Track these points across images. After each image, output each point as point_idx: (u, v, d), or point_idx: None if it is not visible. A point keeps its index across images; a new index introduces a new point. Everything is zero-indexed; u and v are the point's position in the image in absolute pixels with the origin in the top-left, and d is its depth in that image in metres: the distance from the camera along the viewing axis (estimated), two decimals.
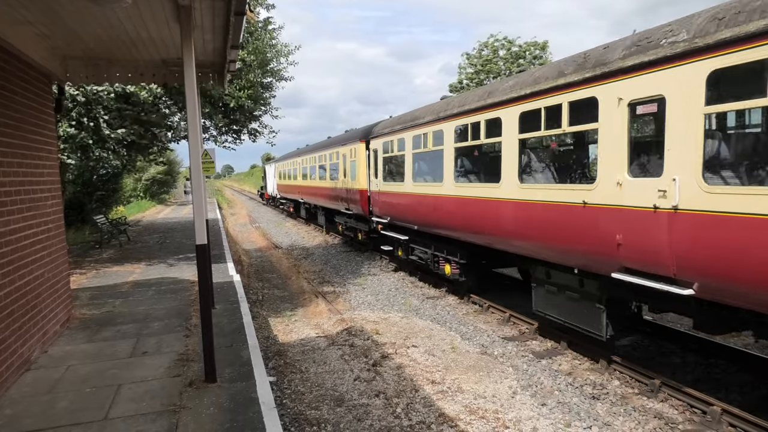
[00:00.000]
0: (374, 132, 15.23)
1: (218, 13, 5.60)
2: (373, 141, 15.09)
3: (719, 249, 5.02)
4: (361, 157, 16.08)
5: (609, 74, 6.27)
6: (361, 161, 16.06)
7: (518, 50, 30.06)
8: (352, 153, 17.19)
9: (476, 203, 9.34)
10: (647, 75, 5.75)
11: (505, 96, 8.44)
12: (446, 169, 10.43)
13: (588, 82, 6.62)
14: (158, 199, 44.42)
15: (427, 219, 11.45)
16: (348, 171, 17.68)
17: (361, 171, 16.17)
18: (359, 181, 16.28)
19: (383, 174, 14.03)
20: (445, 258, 11.15)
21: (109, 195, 24.78)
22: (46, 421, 4.74)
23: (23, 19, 5.75)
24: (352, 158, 17.15)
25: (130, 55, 7.48)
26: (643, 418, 5.99)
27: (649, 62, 5.71)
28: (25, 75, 6.53)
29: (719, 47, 4.94)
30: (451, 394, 6.69)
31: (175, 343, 6.85)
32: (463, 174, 10.63)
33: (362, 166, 16.03)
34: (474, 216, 9.45)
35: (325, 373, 7.50)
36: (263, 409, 4.89)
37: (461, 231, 10.06)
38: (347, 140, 18.21)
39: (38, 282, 6.54)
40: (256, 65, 15.54)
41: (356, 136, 17.21)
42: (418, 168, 12.21)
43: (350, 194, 17.47)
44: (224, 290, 9.90)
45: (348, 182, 17.63)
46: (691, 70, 5.22)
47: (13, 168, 5.96)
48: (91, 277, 11.76)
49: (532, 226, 7.82)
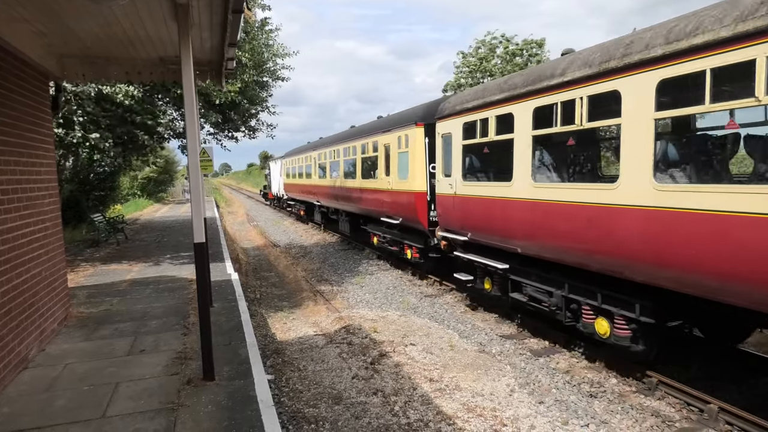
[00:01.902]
0: (445, 109, 10.62)
1: (216, 10, 5.59)
2: (444, 122, 10.59)
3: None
4: (418, 146, 11.93)
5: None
6: (417, 152, 11.93)
7: (515, 48, 30.02)
8: (400, 142, 12.96)
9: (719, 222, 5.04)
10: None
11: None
12: (632, 160, 6.01)
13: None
14: (156, 197, 44.33)
15: (565, 241, 7.09)
16: (392, 166, 13.48)
17: (416, 166, 11.98)
18: (413, 179, 12.19)
19: (463, 170, 9.78)
20: (598, 308, 6.89)
21: (106, 193, 24.74)
22: (44, 420, 4.73)
23: (20, 17, 5.72)
24: (400, 149, 12.97)
25: (128, 54, 7.46)
26: (641, 416, 6.01)
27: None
28: (21, 73, 6.51)
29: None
30: (449, 392, 6.71)
31: (173, 342, 6.85)
32: (681, 169, 6.24)
33: (419, 160, 11.90)
34: (706, 244, 5.17)
35: (323, 371, 7.51)
36: (261, 407, 4.89)
37: (655, 266, 5.78)
38: (392, 125, 13.80)
39: (36, 280, 6.53)
40: (251, 65, 15.48)
41: (409, 118, 12.80)
42: (545, 159, 8.31)
43: (396, 197, 13.26)
44: (222, 288, 9.89)
45: (392, 181, 13.45)
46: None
47: (10, 166, 5.94)
48: (88, 275, 11.73)
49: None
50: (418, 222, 12.20)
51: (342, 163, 18.71)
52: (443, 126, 10.65)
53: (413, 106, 13.54)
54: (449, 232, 10.59)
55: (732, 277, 4.96)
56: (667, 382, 6.50)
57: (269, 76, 17.97)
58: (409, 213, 12.51)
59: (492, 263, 8.99)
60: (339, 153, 19.13)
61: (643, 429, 5.76)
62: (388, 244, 14.66)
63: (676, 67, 5.40)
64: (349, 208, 18.37)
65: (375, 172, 15.16)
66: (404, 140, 12.78)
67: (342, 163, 18.69)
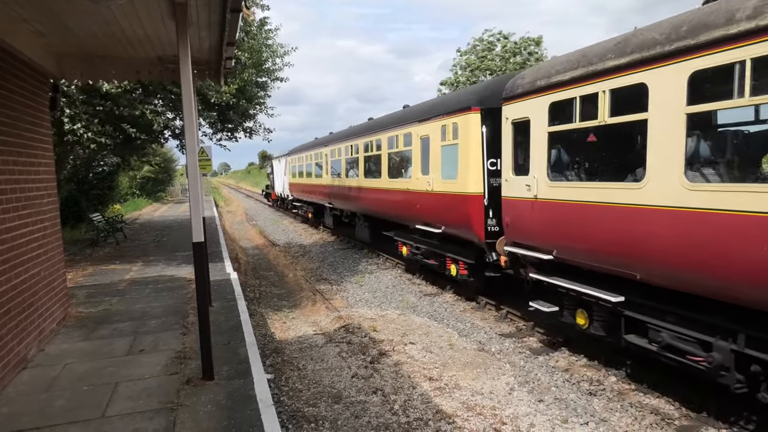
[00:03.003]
0: (517, 87, 8.12)
1: (214, 9, 5.58)
2: (515, 104, 8.11)
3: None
4: (472, 137, 9.54)
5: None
6: (472, 145, 9.56)
7: (514, 46, 30.02)
8: (445, 132, 10.61)
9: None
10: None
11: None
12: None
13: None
14: (155, 197, 44.29)
15: (751, 275, 4.75)
16: (433, 163, 11.10)
17: (469, 162, 9.59)
18: (464, 178, 9.76)
19: (548, 166, 7.42)
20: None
21: (104, 193, 24.72)
22: (44, 420, 4.73)
23: (18, 17, 5.71)
24: (445, 141, 10.61)
25: (126, 53, 7.45)
26: (640, 414, 6.02)
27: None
28: (20, 73, 6.50)
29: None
30: (449, 390, 6.71)
31: (173, 341, 6.85)
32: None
33: (473, 154, 9.53)
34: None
35: (322, 370, 7.51)
36: (261, 406, 4.90)
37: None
38: (433, 112, 11.23)
39: (35, 280, 6.52)
40: (250, 64, 15.46)
41: (458, 102, 10.32)
42: (706, 149, 5.87)
43: (438, 201, 10.90)
44: (221, 288, 9.89)
45: (432, 181, 11.09)
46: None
47: (8, 166, 5.93)
48: (87, 275, 11.72)
49: None
50: (470, 232, 9.75)
51: (362, 161, 16.28)
52: (515, 109, 8.17)
53: (464, 88, 11.61)
54: (522, 247, 8.09)
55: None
56: (666, 379, 6.51)
57: (268, 76, 17.96)
58: (458, 221, 10.14)
59: (597, 293, 6.53)
60: (358, 148, 16.69)
61: (642, 427, 5.77)
62: (423, 256, 12.25)
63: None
64: (369, 211, 16.16)
65: (407, 170, 12.81)
66: (451, 130, 10.31)
67: (362, 160, 16.27)
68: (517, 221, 8.25)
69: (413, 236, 12.73)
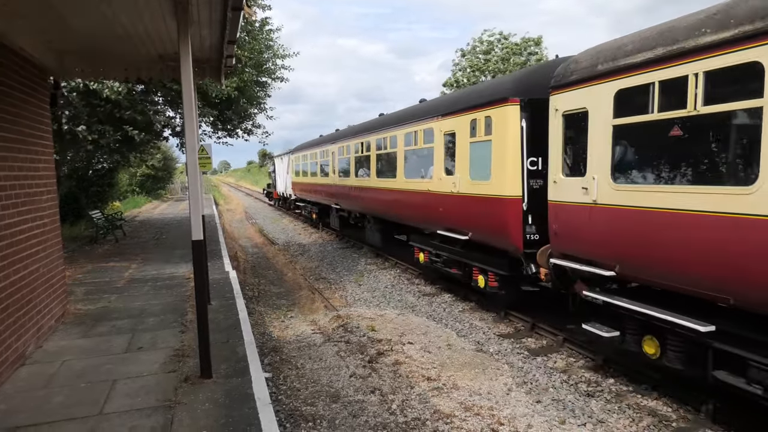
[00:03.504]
0: (571, 72, 7.00)
1: (215, 8, 5.58)
2: (568, 94, 7.00)
3: None
4: (510, 132, 8.36)
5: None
6: (509, 141, 8.37)
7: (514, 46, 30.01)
8: (476, 128, 9.35)
9: None
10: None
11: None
12: None
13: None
14: (154, 194, 44.27)
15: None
16: (460, 162, 9.93)
17: (506, 160, 8.45)
18: (500, 179, 8.64)
19: (612, 165, 6.31)
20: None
21: (104, 190, 24.71)
22: (41, 416, 4.73)
23: (18, 13, 5.71)
24: (475, 137, 9.39)
25: (127, 50, 7.44)
26: (638, 416, 6.02)
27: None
28: (20, 69, 6.50)
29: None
30: (447, 390, 6.72)
31: (171, 339, 6.85)
32: None
33: (511, 151, 8.35)
34: None
35: (320, 369, 7.51)
36: (259, 405, 4.90)
37: None
38: (460, 105, 10.04)
39: (33, 277, 6.52)
40: (251, 64, 15.46)
41: (492, 92, 9.09)
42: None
43: (465, 204, 9.74)
44: (220, 286, 9.89)
45: (458, 182, 9.92)
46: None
47: (8, 162, 5.93)
48: (86, 272, 11.72)
49: None
50: (505, 240, 8.63)
51: (373, 159, 15.10)
52: (567, 99, 7.04)
53: (499, 77, 9.61)
54: (572, 260, 7.01)
55: None
56: (664, 381, 6.51)
57: (268, 76, 17.98)
58: (490, 227, 9.01)
59: (680, 320, 5.43)
60: (369, 146, 15.43)
61: (640, 428, 5.77)
62: (444, 264, 11.14)
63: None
64: (382, 214, 14.97)
65: (427, 170, 11.66)
66: (483, 125, 9.10)
67: (373, 158, 15.10)
68: (568, 230, 7.14)
69: (432, 242, 11.60)
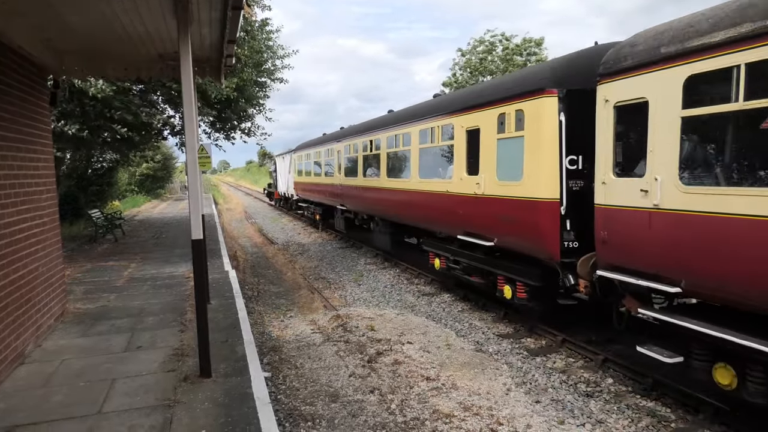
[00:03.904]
0: (625, 56, 6.19)
1: (215, 7, 5.58)
2: (623, 82, 6.18)
3: None
4: (546, 127, 7.55)
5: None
6: (545, 137, 7.58)
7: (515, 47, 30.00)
8: (505, 123, 8.45)
9: None
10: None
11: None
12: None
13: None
14: (154, 194, 44.26)
15: None
16: (485, 160, 9.05)
17: (542, 159, 7.65)
18: (533, 180, 7.81)
19: (679, 164, 5.54)
20: None
21: (103, 189, 24.72)
22: (40, 415, 4.73)
23: (17, 12, 5.71)
24: (504, 133, 8.50)
25: (127, 49, 7.44)
26: (636, 416, 6.03)
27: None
28: (19, 68, 6.50)
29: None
30: (446, 390, 6.71)
31: (170, 338, 6.85)
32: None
33: (547, 149, 7.55)
34: None
35: (320, 368, 7.51)
36: (258, 404, 4.90)
37: None
38: (486, 98, 9.12)
39: (33, 276, 6.52)
40: (251, 63, 15.47)
41: (524, 82, 8.24)
42: None
43: (491, 207, 8.88)
44: (219, 285, 9.89)
45: (484, 182, 9.00)
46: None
47: (7, 161, 5.93)
48: (85, 271, 11.72)
49: None
50: (539, 247, 7.82)
51: (384, 158, 14.19)
52: (621, 88, 6.21)
53: (532, 65, 8.24)
54: (624, 272, 6.17)
55: None
56: (663, 382, 6.51)
57: (268, 76, 17.99)
58: (521, 232, 8.16)
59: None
60: (379, 144, 14.63)
61: (639, 429, 5.77)
62: (464, 272, 10.30)
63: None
64: (392, 216, 14.17)
65: (445, 169, 10.87)
66: (513, 119, 8.24)
67: (384, 157, 14.19)
68: (620, 238, 6.29)
69: (450, 247, 10.78)
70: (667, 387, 6.44)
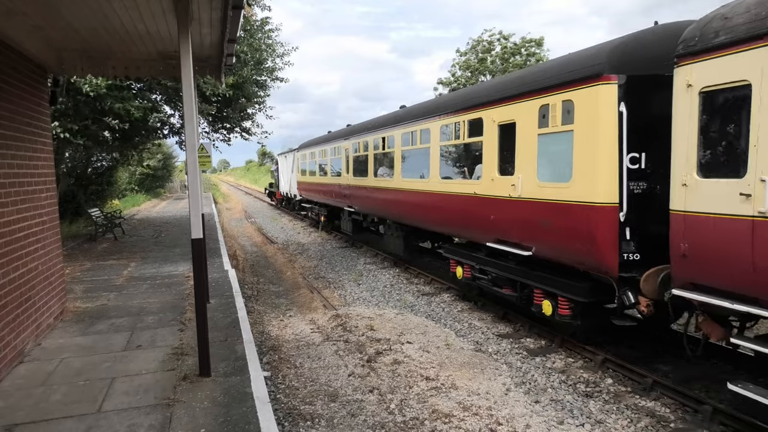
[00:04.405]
0: (719, 31, 5.16)
1: (216, 6, 5.58)
2: (709, 62, 5.24)
3: None
4: (603, 120, 6.58)
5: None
6: (602, 132, 6.60)
7: (514, 47, 29.95)
8: (549, 115, 7.48)
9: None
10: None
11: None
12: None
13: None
14: (153, 193, 44.25)
15: None
16: (523, 158, 8.02)
17: (598, 157, 6.66)
18: (588, 181, 6.81)
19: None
20: None
21: (103, 188, 24.72)
22: (40, 414, 4.73)
23: (18, 10, 5.70)
24: (548, 127, 7.51)
25: (127, 48, 7.44)
26: (636, 416, 6.03)
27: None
28: (19, 66, 6.49)
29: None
30: (445, 390, 6.71)
31: (170, 337, 6.85)
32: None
33: (604, 146, 6.59)
34: None
35: (319, 368, 7.51)
36: (257, 403, 4.90)
37: None
38: (531, 86, 7.93)
39: (32, 274, 6.51)
40: (251, 63, 15.46)
41: (578, 68, 7.11)
42: None
43: (533, 211, 7.80)
44: (219, 285, 9.89)
45: (520, 183, 8.01)
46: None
47: (7, 160, 5.92)
48: (85, 270, 11.71)
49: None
50: (591, 258, 6.83)
51: (398, 157, 13.24)
52: (711, 69, 5.22)
53: (583, 49, 7.57)
54: (711, 293, 5.31)
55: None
56: (662, 382, 6.52)
57: (268, 75, 17.97)
58: (569, 241, 7.13)
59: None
60: (392, 141, 13.53)
61: (638, 429, 5.78)
62: (492, 283, 9.30)
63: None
64: (407, 219, 13.14)
65: (472, 169, 9.94)
66: (560, 111, 7.25)
67: (398, 156, 13.24)
68: (707, 251, 5.37)
69: (476, 255, 9.80)
70: (667, 387, 6.45)
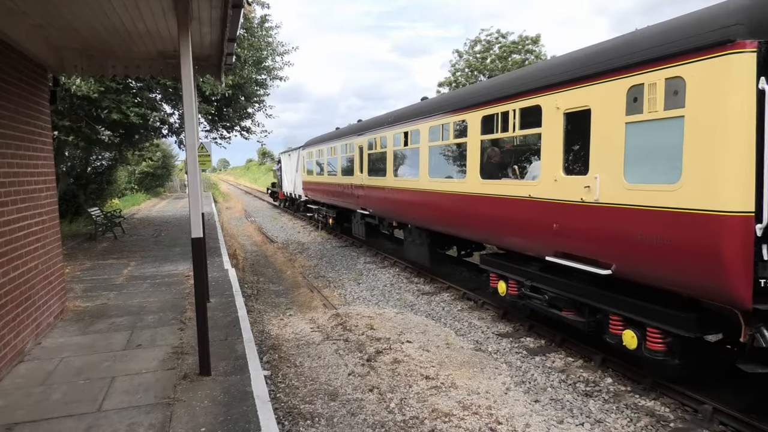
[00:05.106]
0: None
1: (215, 5, 5.58)
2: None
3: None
4: (731, 103, 4.85)
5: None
6: (731, 118, 4.86)
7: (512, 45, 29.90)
8: (645, 97, 5.75)
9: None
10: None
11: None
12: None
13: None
14: (153, 192, 44.23)
15: None
16: (599, 154, 6.51)
17: (725, 152, 4.92)
18: (704, 182, 5.13)
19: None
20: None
21: (103, 187, 24.71)
22: (39, 413, 4.73)
23: (17, 9, 5.70)
24: (647, 113, 5.76)
25: (127, 48, 7.44)
26: (635, 416, 6.03)
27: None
28: (19, 65, 6.49)
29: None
30: (445, 389, 6.72)
31: (170, 336, 6.85)
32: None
33: (732, 137, 4.87)
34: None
35: (319, 367, 7.51)
36: (257, 402, 4.90)
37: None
38: (616, 62, 6.20)
39: (32, 274, 6.51)
40: (251, 62, 15.45)
41: (692, 31, 5.30)
42: None
43: (617, 220, 6.19)
44: (219, 284, 9.89)
45: (600, 185, 6.42)
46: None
47: (7, 159, 5.92)
48: (85, 269, 11.71)
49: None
50: (711, 284, 5.22)
51: (424, 153, 11.51)
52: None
53: (700, 9, 5.62)
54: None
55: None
56: (662, 382, 6.52)
57: (267, 74, 17.97)
58: (678, 260, 5.47)
59: None
60: (417, 136, 11.87)
61: (637, 428, 5.78)
62: (549, 304, 7.85)
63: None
64: (435, 225, 11.49)
65: (524, 167, 9.01)
66: (660, 92, 5.58)
67: (424, 152, 11.51)
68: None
69: (527, 270, 8.37)
70: (666, 387, 6.45)
